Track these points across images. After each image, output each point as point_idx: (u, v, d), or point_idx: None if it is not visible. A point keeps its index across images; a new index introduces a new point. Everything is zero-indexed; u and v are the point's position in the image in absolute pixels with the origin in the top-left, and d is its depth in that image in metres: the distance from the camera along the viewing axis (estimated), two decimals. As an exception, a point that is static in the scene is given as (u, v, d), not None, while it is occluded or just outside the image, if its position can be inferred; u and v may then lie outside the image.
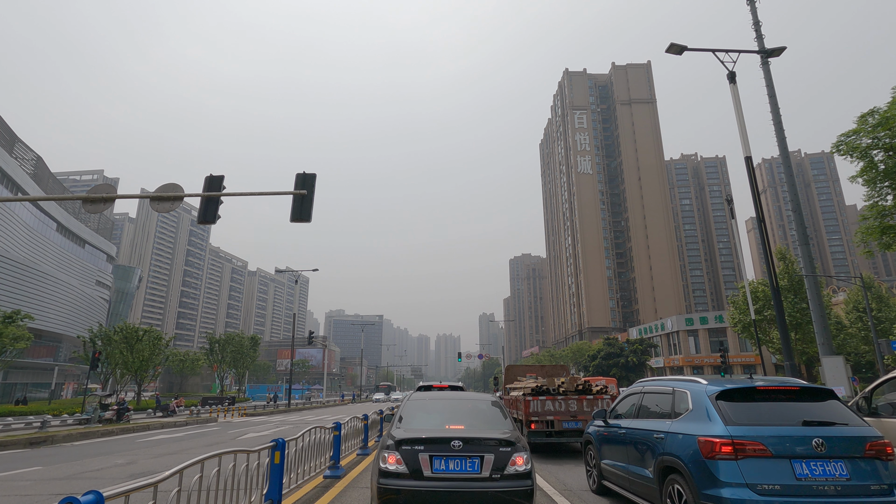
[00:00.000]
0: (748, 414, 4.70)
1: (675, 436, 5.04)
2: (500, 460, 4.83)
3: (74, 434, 16.29)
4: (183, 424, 23.10)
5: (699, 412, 4.95)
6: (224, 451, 4.37)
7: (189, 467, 3.78)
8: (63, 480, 8.60)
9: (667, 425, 5.30)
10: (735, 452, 4.40)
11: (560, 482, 8.18)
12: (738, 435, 4.46)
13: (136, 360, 37.85)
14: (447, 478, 4.75)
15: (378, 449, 5.21)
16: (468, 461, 4.83)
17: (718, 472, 4.37)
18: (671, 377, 6.25)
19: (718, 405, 4.81)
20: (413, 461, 4.81)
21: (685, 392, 5.33)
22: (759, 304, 32.73)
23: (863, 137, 15.95)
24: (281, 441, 5.53)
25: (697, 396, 5.10)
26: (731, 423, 4.58)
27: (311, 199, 13.37)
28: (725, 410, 4.74)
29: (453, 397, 6.61)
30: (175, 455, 12.08)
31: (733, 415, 4.68)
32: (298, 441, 6.75)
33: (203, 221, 13.30)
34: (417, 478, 4.75)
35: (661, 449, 5.18)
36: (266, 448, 5.37)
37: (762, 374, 38.32)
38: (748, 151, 14.22)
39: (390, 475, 4.79)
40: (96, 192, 13.51)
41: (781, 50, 15.51)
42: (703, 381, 5.28)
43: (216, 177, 13.63)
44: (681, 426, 5.05)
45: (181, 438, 16.49)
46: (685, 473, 4.67)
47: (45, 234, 68.82)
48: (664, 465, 5.08)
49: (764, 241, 13.49)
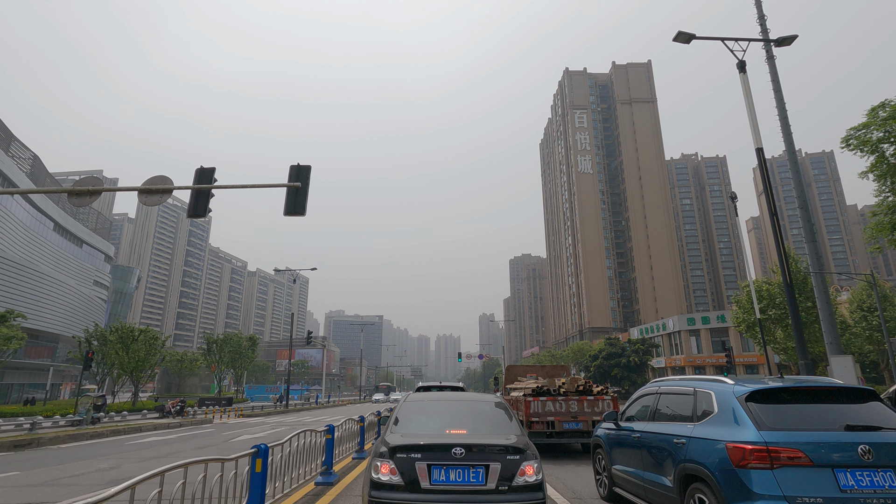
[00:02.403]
0: (783, 417, 4.24)
1: (698, 441, 4.58)
2: (507, 470, 4.34)
3: (62, 436, 15.76)
4: (177, 426, 22.57)
5: (726, 415, 4.49)
6: (192, 461, 3.85)
7: (146, 481, 3.26)
8: (37, 487, 8.07)
9: (689, 429, 4.84)
10: (770, 461, 3.93)
11: (568, 488, 7.71)
12: (772, 441, 4.00)
13: (132, 361, 37.35)
14: (448, 490, 4.25)
15: (370, 456, 4.71)
16: (471, 471, 4.32)
17: (751, 483, 3.90)
18: (691, 377, 5.84)
19: (749, 407, 4.35)
20: (409, 471, 4.31)
21: (709, 393, 4.86)
22: (763, 302, 32.20)
23: (873, 131, 15.48)
24: (263, 447, 5.00)
25: (724, 397, 4.62)
26: (764, 428, 4.13)
27: (305, 192, 12.87)
28: (757, 413, 4.27)
29: (454, 398, 6.03)
30: (162, 459, 11.57)
31: (766, 418, 4.22)
32: (285, 446, 6.21)
33: (193, 215, 12.80)
34: (414, 490, 4.25)
35: (683, 455, 4.72)
36: (246, 455, 4.85)
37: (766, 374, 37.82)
38: (759, 143, 13.73)
39: (383, 487, 4.28)
40: (82, 184, 13.02)
41: (792, 39, 14.97)
42: (729, 381, 4.82)
43: (207, 169, 13.14)
44: (705, 430, 4.59)
45: (172, 441, 15.97)
46: (711, 483, 4.22)
47: (41, 234, 68.25)
48: (686, 472, 4.62)
49: (776, 234, 13.02)
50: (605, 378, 54.04)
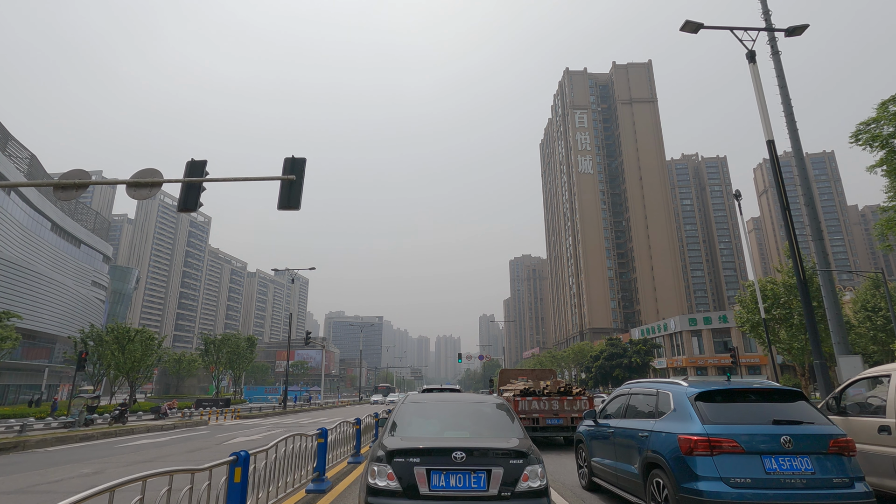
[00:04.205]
0: (723, 413, 4.92)
1: (658, 434, 5.25)
2: (510, 474, 4.17)
3: (49, 439, 15.26)
4: (170, 428, 22.07)
5: (679, 412, 5.17)
6: (154, 473, 3.38)
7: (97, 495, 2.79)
8: (11, 495, 7.59)
9: (651, 424, 5.52)
10: (711, 449, 4.62)
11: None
12: (713, 433, 4.70)
13: (128, 361, 36.81)
14: (448, 496, 4.08)
15: (367, 461, 4.48)
16: (472, 476, 4.15)
17: (696, 468, 4.58)
18: (656, 380, 6.44)
19: (697, 405, 5.04)
20: (407, 476, 4.13)
21: (668, 393, 5.57)
22: (767, 302, 31.75)
23: (883, 125, 15.13)
24: (242, 455, 4.52)
25: (678, 397, 5.33)
26: (707, 422, 4.81)
27: (300, 185, 12.45)
28: (703, 410, 4.97)
29: (454, 399, 5.74)
30: (150, 463, 11.08)
31: (710, 414, 4.91)
32: (271, 452, 5.72)
33: (184, 209, 12.33)
34: (412, 496, 4.08)
35: (646, 446, 5.38)
36: (223, 464, 4.37)
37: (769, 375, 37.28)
38: (770, 135, 13.30)
39: (380, 493, 4.11)
40: (68, 177, 12.56)
41: (803, 28, 14.46)
42: (683, 384, 5.50)
43: (198, 161, 12.68)
44: (663, 425, 5.26)
45: (164, 443, 15.48)
46: (666, 469, 4.89)
47: (38, 234, 67.77)
48: (648, 461, 5.28)
49: (788, 228, 12.58)
50: (607, 379, 53.55)
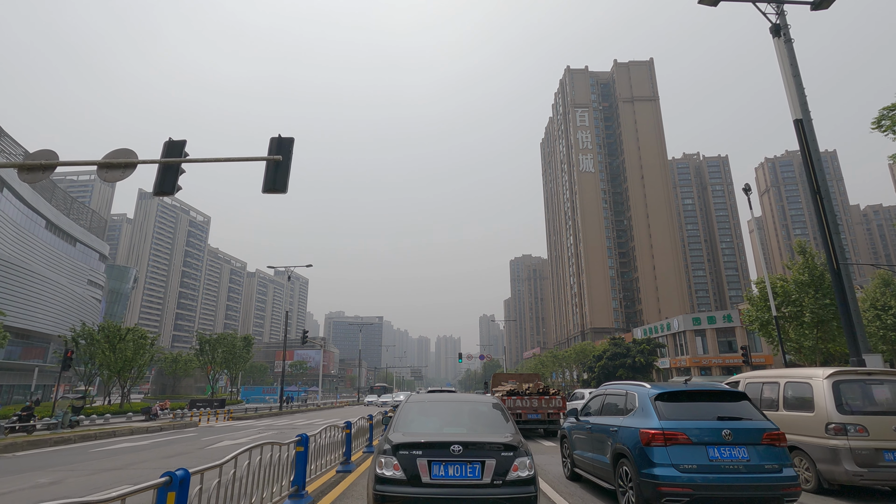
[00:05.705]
0: (677, 411, 5.73)
1: (625, 429, 6.07)
2: (501, 465, 4.64)
3: (20, 443, 14.22)
4: (156, 430, 21.02)
5: (642, 410, 5.99)
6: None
7: None
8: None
9: (620, 421, 6.35)
10: (665, 440, 5.41)
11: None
12: (667, 427, 5.50)
13: (119, 361, 35.81)
14: (446, 484, 4.54)
15: (374, 454, 4.96)
16: (468, 467, 4.62)
17: (653, 456, 5.38)
18: (626, 382, 7.27)
19: (656, 404, 5.84)
20: (411, 466, 4.61)
21: (634, 394, 6.45)
22: (777, 300, 30.75)
23: (908, 111, 14.15)
24: (178, 475, 3.44)
25: (642, 398, 6.15)
26: (664, 419, 5.63)
27: (287, 167, 11.38)
28: (661, 408, 5.78)
29: (453, 399, 6.17)
30: (120, 471, 10.06)
31: (666, 412, 5.72)
32: (227, 467, 4.65)
33: (160, 193, 11.27)
34: (415, 484, 4.55)
35: (616, 440, 6.19)
36: (148, 488, 3.31)
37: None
38: (798, 114, 12.32)
39: (387, 481, 4.58)
40: (34, 158, 11.55)
41: (830, 1, 13.50)
42: (647, 386, 6.34)
43: (176, 142, 11.63)
44: (629, 421, 6.09)
45: (143, 447, 14.44)
46: (630, 458, 5.68)
47: (33, 232, 66.78)
48: (617, 452, 6.10)
49: (820, 215, 11.57)
50: (610, 378, 52.45)
